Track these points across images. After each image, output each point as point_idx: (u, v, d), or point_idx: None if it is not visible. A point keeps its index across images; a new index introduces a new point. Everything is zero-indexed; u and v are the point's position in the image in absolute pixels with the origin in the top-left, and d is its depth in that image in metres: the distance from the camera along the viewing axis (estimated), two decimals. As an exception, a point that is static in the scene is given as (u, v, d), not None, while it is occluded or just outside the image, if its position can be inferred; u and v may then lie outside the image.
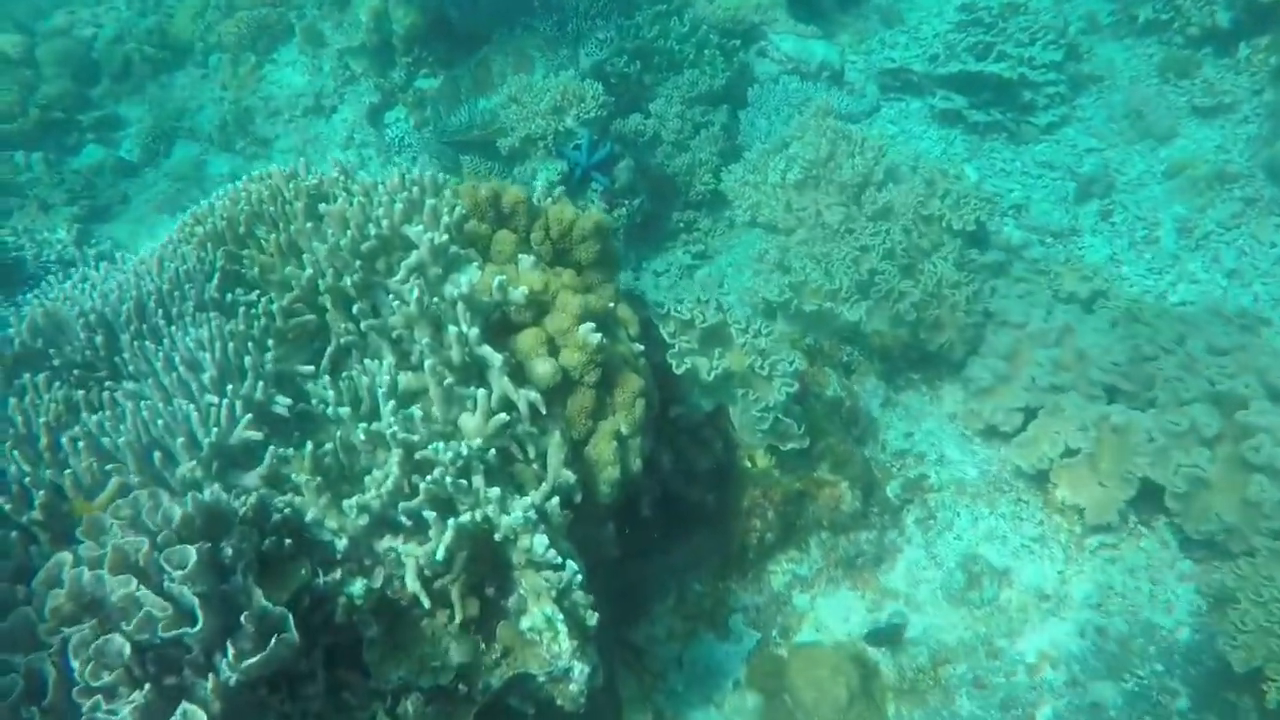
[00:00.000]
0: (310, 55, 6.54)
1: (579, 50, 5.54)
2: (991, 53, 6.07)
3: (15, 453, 2.19)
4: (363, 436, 2.29)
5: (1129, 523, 3.56)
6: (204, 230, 2.89)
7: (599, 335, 2.69)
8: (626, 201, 5.08)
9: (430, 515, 2.25)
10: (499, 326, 2.70)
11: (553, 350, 2.71)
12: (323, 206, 2.79)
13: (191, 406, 2.22)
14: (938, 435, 3.97)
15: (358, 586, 2.31)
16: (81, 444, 2.15)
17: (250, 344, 2.40)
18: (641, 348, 2.94)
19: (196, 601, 1.85)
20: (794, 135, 4.68)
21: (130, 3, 7.21)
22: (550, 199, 3.02)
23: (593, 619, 2.44)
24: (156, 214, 5.96)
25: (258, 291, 2.72)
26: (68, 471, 2.12)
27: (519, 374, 2.64)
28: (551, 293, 2.72)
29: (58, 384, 2.34)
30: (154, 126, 6.43)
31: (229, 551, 2.02)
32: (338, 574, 2.29)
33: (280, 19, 6.71)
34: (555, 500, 2.44)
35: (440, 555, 2.26)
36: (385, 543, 2.34)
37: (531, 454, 2.60)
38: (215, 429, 2.19)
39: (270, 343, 2.47)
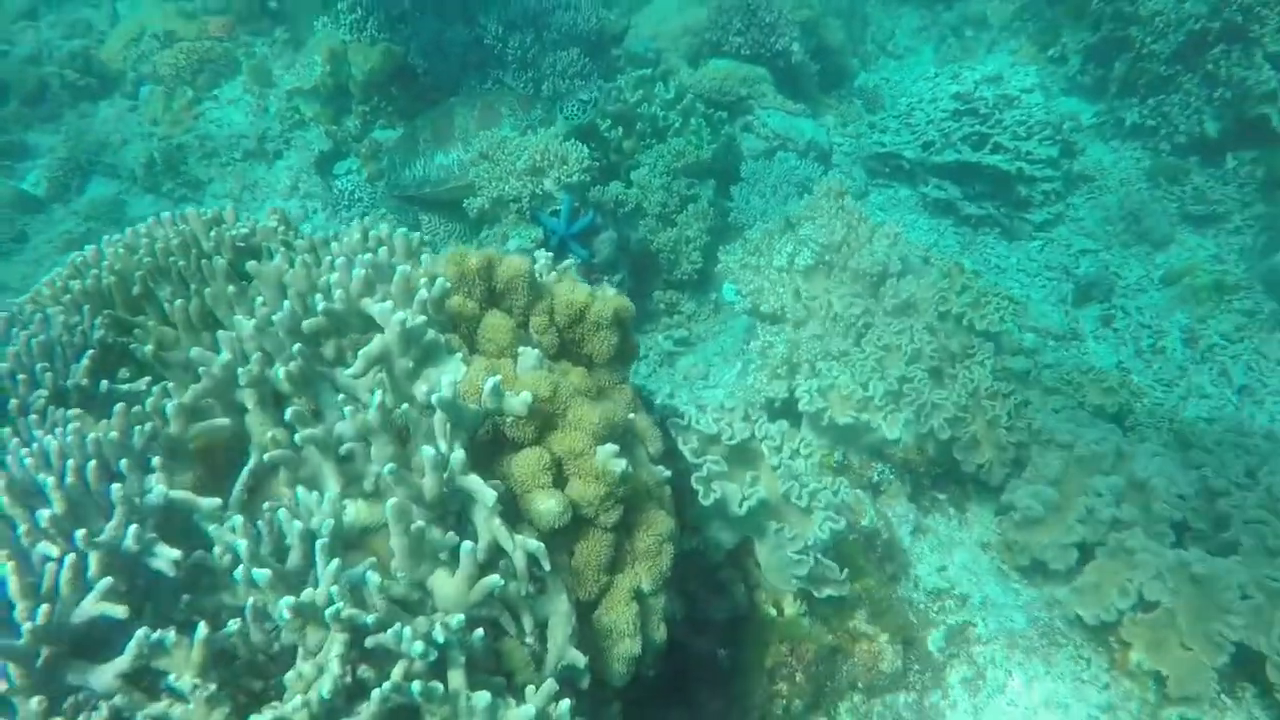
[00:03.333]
0: (256, 95, 5.70)
1: (556, 111, 4.82)
2: (987, 144, 5.55)
3: None
4: (287, 613, 1.44)
5: (1214, 693, 2.86)
6: (82, 286, 2.03)
7: (623, 462, 1.89)
8: (607, 278, 4.33)
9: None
10: (486, 442, 1.89)
11: (558, 479, 1.91)
12: (253, 265, 1.96)
13: (9, 563, 1.35)
14: (975, 571, 3.23)
15: None
16: None
17: (126, 460, 1.54)
18: (667, 473, 2.15)
19: None
20: (804, 216, 4.00)
21: (54, 24, 6.30)
22: (554, 274, 2.23)
23: None
24: (59, 255, 4.99)
25: (149, 379, 1.87)
26: None
27: (511, 510, 1.83)
28: (561, 401, 1.92)
29: None
30: (68, 159, 5.48)
31: None
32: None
33: (226, 54, 5.87)
34: (564, 706, 1.62)
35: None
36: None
37: (527, 625, 1.78)
38: (43, 606, 1.32)
39: (157, 459, 1.60)
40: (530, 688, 1.64)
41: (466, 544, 1.62)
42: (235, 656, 1.49)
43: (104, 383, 1.77)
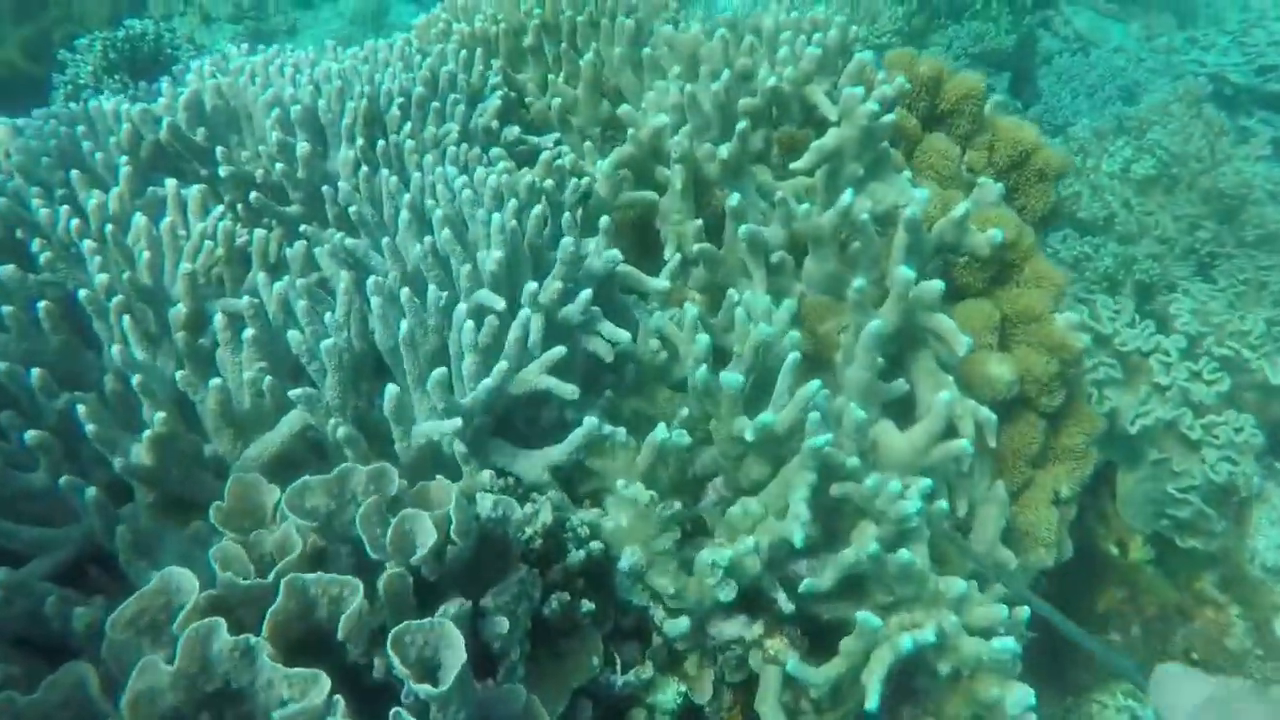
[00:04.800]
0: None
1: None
2: (1333, 79, 4.69)
3: (125, 322, 1.05)
4: (750, 435, 1.12)
5: None
6: (470, 29, 1.72)
7: (1085, 336, 1.49)
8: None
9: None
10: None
11: (1002, 343, 1.52)
12: (666, 31, 1.60)
13: (462, 307, 1.05)
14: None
15: (669, 694, 1.16)
16: (251, 333, 1.01)
17: (567, 216, 1.23)
18: (1091, 358, 1.74)
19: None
20: (1149, 119, 3.39)
21: None
22: (991, 105, 1.79)
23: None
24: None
25: (554, 137, 1.55)
26: (214, 383, 0.98)
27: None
28: (1022, 251, 1.52)
29: (218, 211, 1.19)
30: (341, -40, 5.26)
31: (499, 623, 0.89)
32: (647, 670, 1.13)
33: None
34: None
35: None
36: (737, 628, 1.18)
37: (961, 508, 1.42)
38: (496, 364, 1.02)
39: (602, 222, 1.28)
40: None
41: (944, 395, 1.25)
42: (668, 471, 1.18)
43: (513, 128, 1.46)
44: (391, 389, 0.97)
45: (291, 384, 0.98)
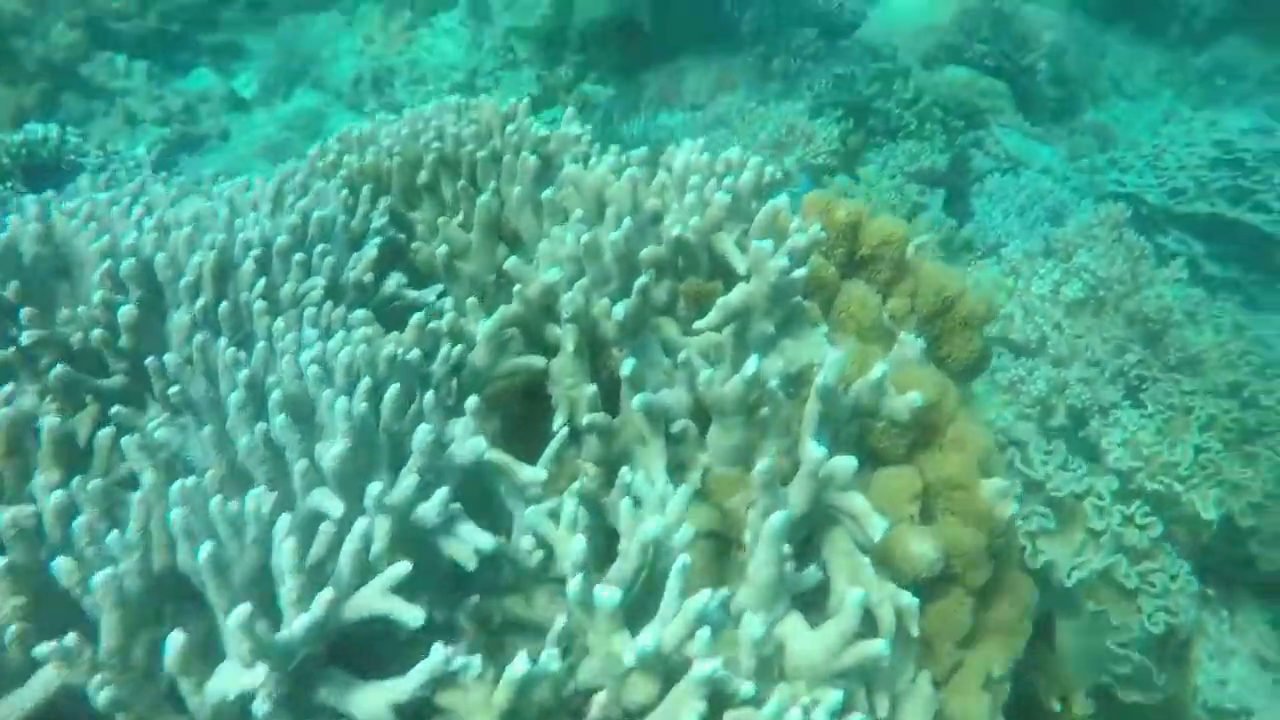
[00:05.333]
0: (473, 28, 5.32)
1: (802, 87, 4.28)
2: (1248, 200, 4.79)
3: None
4: (629, 659, 0.95)
5: None
6: (359, 164, 1.58)
7: (1014, 504, 1.36)
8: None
9: None
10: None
11: (925, 514, 1.38)
12: (572, 170, 1.48)
13: (285, 518, 0.88)
14: (1255, 690, 2.60)
15: None
16: (6, 561, 0.81)
17: (431, 396, 1.07)
18: (1015, 513, 1.60)
19: None
20: (1076, 242, 3.38)
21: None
22: (913, 247, 1.69)
23: None
24: (257, 159, 4.69)
25: (438, 289, 1.40)
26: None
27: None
28: (946, 412, 1.39)
29: (7, 389, 1.01)
30: (279, 66, 5.19)
31: None
32: None
33: (448, -17, 5.51)
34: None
35: None
36: None
37: (881, 708, 1.25)
38: (325, 594, 0.84)
39: (469, 403, 1.12)
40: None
41: (857, 596, 1.10)
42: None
43: (392, 280, 1.30)
44: (175, 637, 0.78)
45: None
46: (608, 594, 0.95)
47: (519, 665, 0.91)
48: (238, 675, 0.80)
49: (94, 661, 0.77)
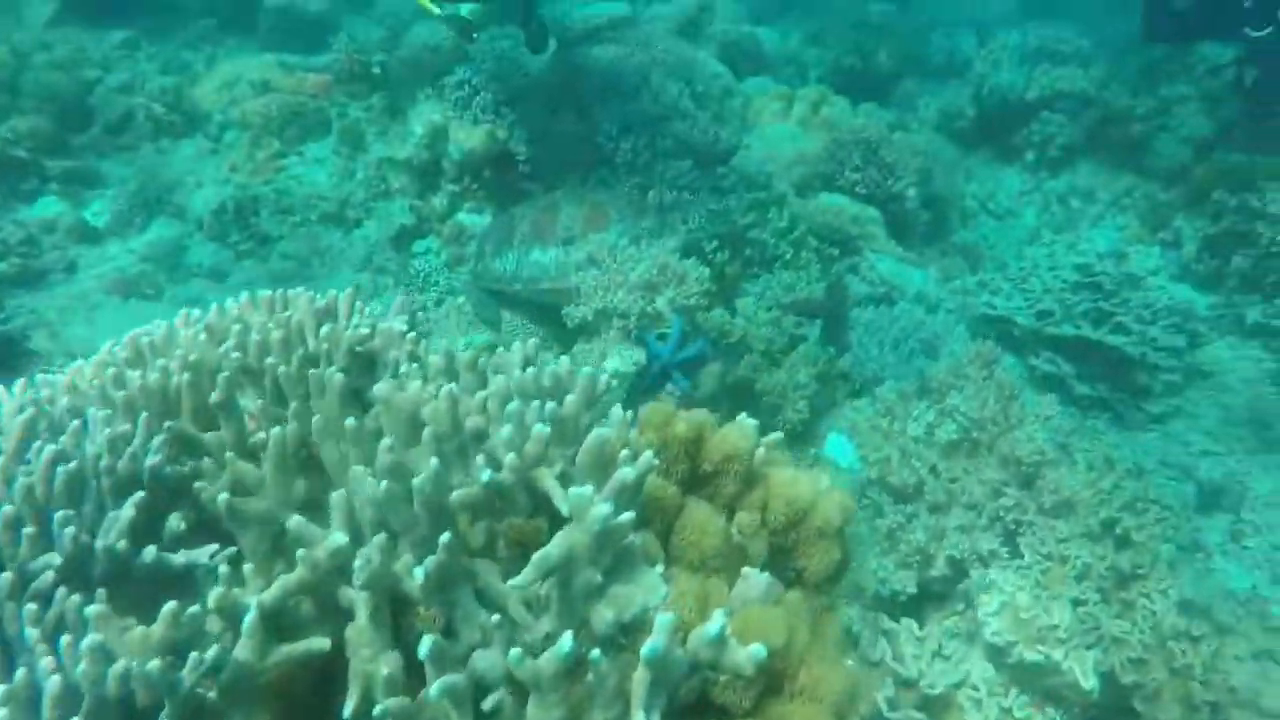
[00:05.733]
0: (344, 157, 5.21)
1: (676, 221, 4.28)
2: (1109, 322, 4.99)
3: None
4: None
5: None
6: (143, 382, 1.41)
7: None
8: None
9: None
10: (683, 708, 1.24)
11: (778, 773, 1.25)
12: (382, 388, 1.35)
13: None
14: None
15: None
16: None
17: (168, 708, 0.89)
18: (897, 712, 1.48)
19: None
20: (948, 382, 3.40)
21: (153, 56, 5.90)
22: (763, 450, 1.60)
23: None
24: (105, 295, 4.41)
25: (214, 549, 1.22)
26: None
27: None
28: (794, 657, 1.27)
29: None
30: (136, 193, 4.95)
31: None
32: None
33: (319, 112, 5.41)
34: None
35: None
36: None
37: None
38: None
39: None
40: None
41: None
42: None
43: (150, 550, 1.13)
44: None
45: None
46: None
47: None
48: None
49: None
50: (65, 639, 0.92)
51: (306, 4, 6.56)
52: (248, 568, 1.13)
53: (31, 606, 0.95)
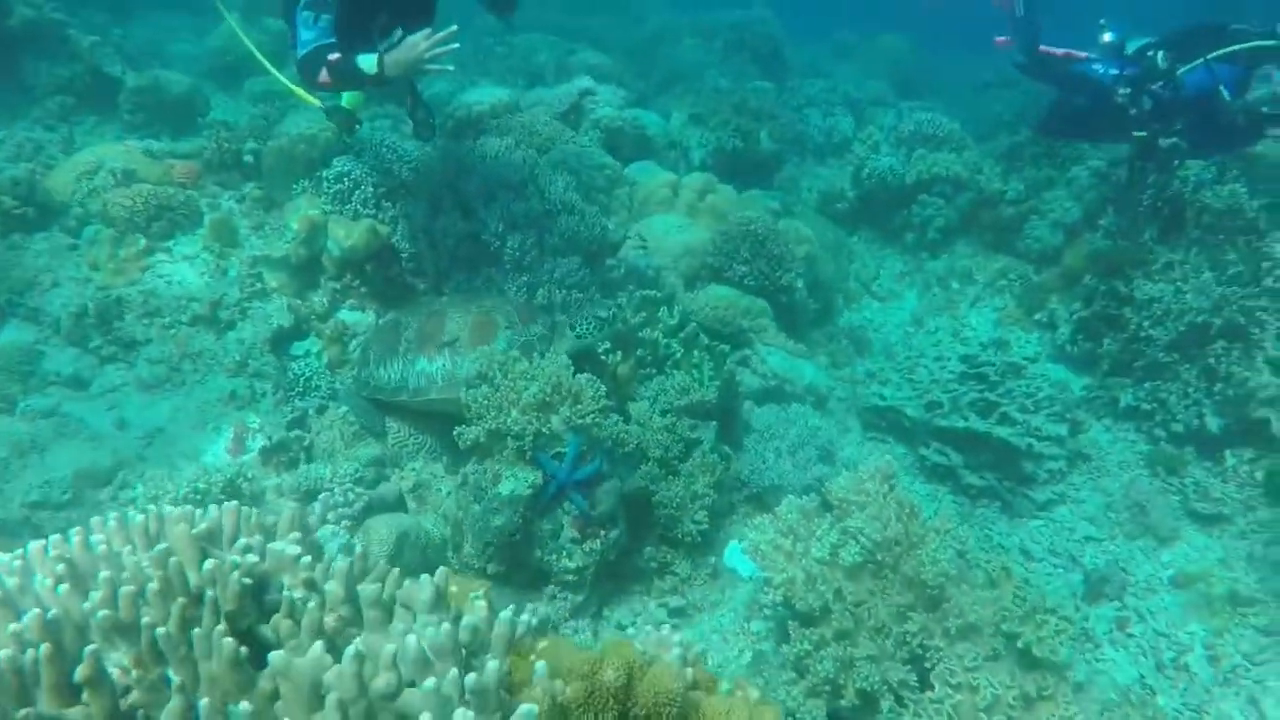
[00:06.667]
0: (216, 254, 4.98)
1: (564, 326, 4.24)
2: (994, 412, 5.19)
3: None
4: None
5: None
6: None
7: None
8: (604, 533, 3.66)
9: None
10: None
11: None
12: (278, 659, 1.24)
13: None
14: None
15: None
16: None
17: None
18: None
19: None
20: (849, 499, 3.44)
21: (1, 141, 5.55)
22: (690, 670, 1.55)
23: None
24: (-55, 416, 4.06)
25: None
26: None
27: None
28: None
29: None
30: (-18, 296, 4.60)
31: None
32: None
33: (188, 203, 5.16)
34: None
35: None
36: None
37: None
38: None
39: None
40: None
41: None
42: None
43: None
44: None
45: None
46: None
47: None
48: None
49: None
50: None
51: (170, 84, 6.30)
52: None
53: None
